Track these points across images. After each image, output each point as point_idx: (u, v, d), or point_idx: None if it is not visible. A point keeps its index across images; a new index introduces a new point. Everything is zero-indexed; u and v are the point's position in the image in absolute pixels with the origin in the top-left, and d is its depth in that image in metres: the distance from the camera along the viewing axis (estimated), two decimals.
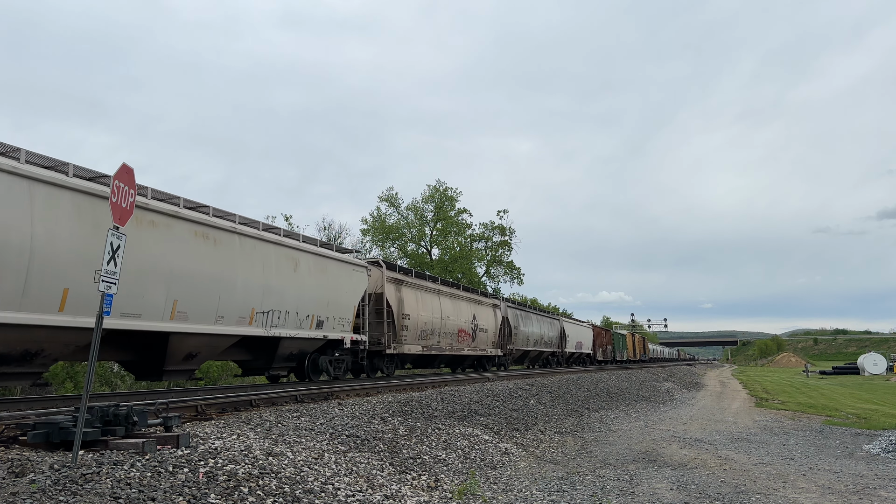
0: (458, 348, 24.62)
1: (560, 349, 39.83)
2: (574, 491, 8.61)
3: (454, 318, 24.23)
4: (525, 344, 33.18)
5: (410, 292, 21.30)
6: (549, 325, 38.08)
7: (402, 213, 52.77)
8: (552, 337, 38.19)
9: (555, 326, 39.46)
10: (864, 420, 18.74)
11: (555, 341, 38.76)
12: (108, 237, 6.04)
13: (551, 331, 38.27)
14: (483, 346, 27.19)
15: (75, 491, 4.78)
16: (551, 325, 38.87)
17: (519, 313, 32.84)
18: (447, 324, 23.50)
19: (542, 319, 37.34)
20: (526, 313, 34.40)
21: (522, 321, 33.05)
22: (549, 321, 38.64)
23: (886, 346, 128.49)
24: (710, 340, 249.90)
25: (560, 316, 43.58)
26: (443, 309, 23.44)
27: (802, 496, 8.55)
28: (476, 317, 26.42)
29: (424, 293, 22.40)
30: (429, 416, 11.77)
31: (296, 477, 6.41)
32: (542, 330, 36.24)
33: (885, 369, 58.54)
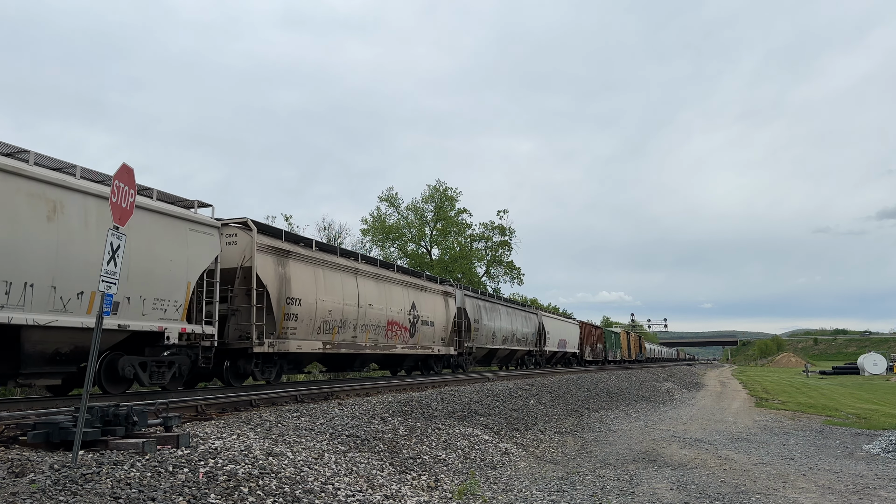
0: (387, 346, 19.28)
1: (538, 348, 35.55)
2: (574, 491, 8.61)
3: (381, 306, 18.93)
4: (490, 341, 28.38)
5: (303, 269, 15.74)
6: (523, 320, 33.26)
7: (402, 213, 52.83)
8: (527, 334, 33.57)
9: (531, 322, 34.72)
10: (864, 420, 18.75)
11: (531, 339, 34.28)
12: (108, 237, 6.04)
13: (526, 326, 33.49)
14: (427, 342, 22.04)
15: (75, 491, 4.78)
16: (527, 319, 34.05)
17: (482, 304, 27.82)
18: (369, 314, 18.12)
19: (515, 313, 32.39)
20: (492, 305, 29.53)
21: (487, 314, 28.19)
22: (523, 315, 33.64)
23: (886, 346, 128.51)
24: (710, 340, 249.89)
25: (539, 310, 38.75)
26: (362, 294, 17.89)
27: (802, 496, 8.55)
28: (417, 306, 21.17)
29: (329, 271, 16.88)
30: (429, 416, 11.77)
31: (296, 477, 6.41)
32: (514, 325, 31.39)
33: (885, 369, 58.54)
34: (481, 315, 27.54)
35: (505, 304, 32.12)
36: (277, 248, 14.98)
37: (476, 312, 26.93)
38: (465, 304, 25.97)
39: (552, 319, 39.87)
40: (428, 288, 22.87)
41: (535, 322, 35.68)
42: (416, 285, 21.99)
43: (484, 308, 28.23)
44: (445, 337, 23.58)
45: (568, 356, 43.12)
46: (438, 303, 23.35)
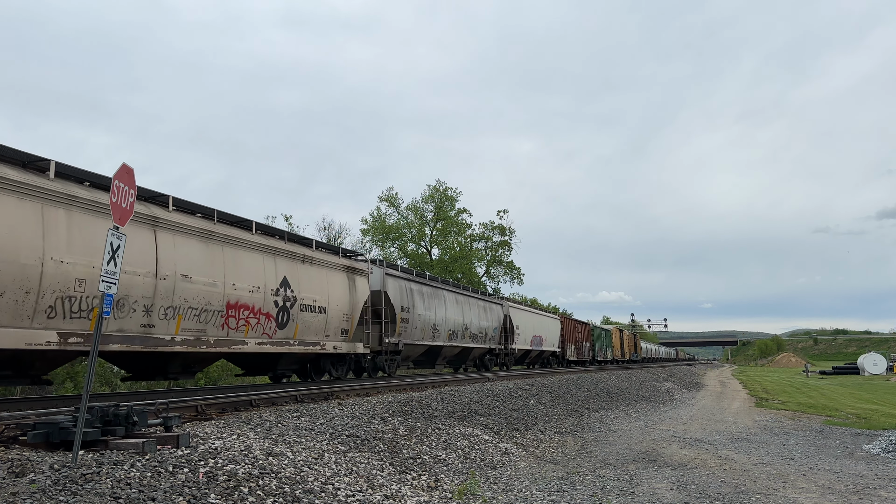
0: (225, 341, 12.52)
1: (502, 345, 29.79)
2: (574, 491, 8.61)
3: (212, 279, 12.14)
4: (429, 336, 22.19)
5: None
6: (481, 312, 27.59)
7: (402, 213, 52.85)
8: (487, 328, 27.90)
9: (493, 313, 28.98)
10: (864, 420, 18.75)
11: (492, 334, 28.64)
12: (108, 237, 6.04)
13: (486, 319, 27.87)
14: (313, 336, 15.49)
15: (75, 491, 4.78)
16: (486, 311, 28.31)
17: (415, 288, 21.52)
18: (185, 291, 11.51)
19: (469, 302, 26.44)
20: (433, 290, 23.07)
21: (423, 301, 21.81)
22: (481, 305, 27.81)
23: (886, 346, 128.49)
24: (710, 340, 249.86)
25: (505, 300, 32.38)
26: (165, 258, 11.24)
27: (802, 496, 8.55)
28: (293, 283, 14.60)
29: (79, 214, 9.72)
30: (429, 416, 11.77)
31: (296, 477, 6.41)
32: (467, 317, 25.67)
33: (885, 369, 58.54)
34: (414, 302, 21.03)
35: (453, 289, 25.45)
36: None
37: (405, 298, 20.49)
38: (387, 285, 19.41)
39: (523, 312, 33.77)
40: (316, 260, 15.81)
41: (499, 314, 29.89)
42: (293, 254, 14.94)
43: (418, 293, 21.62)
44: (349, 329, 16.94)
45: (546, 356, 37.99)
46: (336, 282, 16.52)
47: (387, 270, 20.08)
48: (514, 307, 32.61)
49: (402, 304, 20.34)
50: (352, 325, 17.35)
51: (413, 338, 21.02)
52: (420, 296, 21.79)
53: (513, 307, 32.22)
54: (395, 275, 20.59)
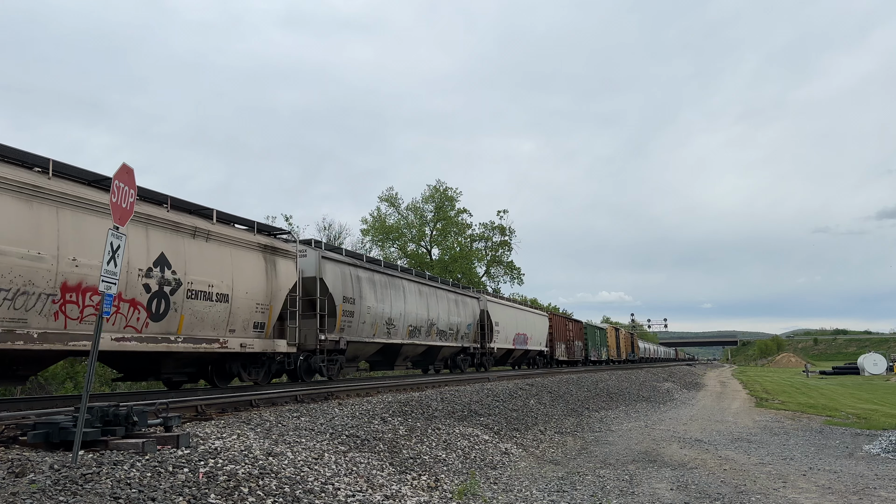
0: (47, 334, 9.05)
1: (479, 344, 26.76)
2: (574, 491, 8.61)
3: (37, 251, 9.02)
4: (381, 332, 18.83)
5: None
6: (451, 305, 24.21)
7: (402, 213, 52.87)
8: (459, 324, 24.65)
9: (467, 308, 25.78)
10: (864, 420, 18.75)
11: (466, 331, 25.42)
12: (108, 237, 6.04)
13: (457, 314, 24.65)
14: (209, 331, 12.17)
15: (75, 491, 4.78)
16: (458, 304, 25.01)
17: (360, 275, 18.07)
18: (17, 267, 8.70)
19: (435, 294, 23.02)
20: (389, 279, 19.78)
21: (372, 291, 18.39)
22: (451, 298, 24.50)
23: (886, 346, 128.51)
24: (710, 340, 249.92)
25: (483, 294, 29.13)
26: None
27: (802, 496, 8.55)
28: (174, 262, 11.41)
29: None
30: (429, 416, 11.78)
31: (296, 477, 6.41)
32: (433, 311, 22.31)
33: (885, 369, 58.54)
34: (362, 292, 17.82)
35: (416, 279, 22.13)
36: None
37: (350, 286, 17.24)
38: (324, 271, 16.22)
39: (504, 307, 30.72)
40: (215, 235, 12.58)
41: (474, 309, 26.70)
42: (177, 225, 11.68)
43: (369, 282, 18.43)
44: (265, 323, 13.70)
45: (532, 355, 35.17)
46: (247, 264, 13.32)
47: (324, 253, 16.53)
48: (494, 301, 29.43)
49: (346, 293, 16.95)
50: (270, 319, 13.82)
51: (361, 334, 17.64)
52: (371, 285, 18.46)
53: (492, 301, 28.91)
54: (335, 259, 17.07)
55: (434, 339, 22.50)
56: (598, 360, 49.00)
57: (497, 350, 28.75)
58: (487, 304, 28.11)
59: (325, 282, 16.18)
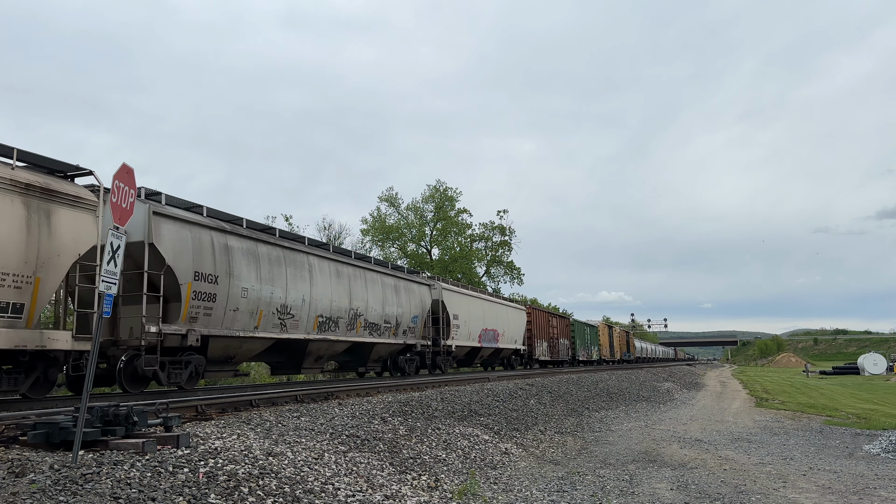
0: None
1: (427, 340, 22.14)
2: (574, 491, 8.61)
3: None
4: (269, 323, 14.17)
5: None
6: (388, 293, 19.57)
7: (402, 213, 52.87)
8: (400, 316, 20.11)
9: (412, 297, 21.23)
10: (864, 420, 18.75)
11: (410, 325, 20.86)
12: (109, 237, 6.04)
13: (399, 305, 20.15)
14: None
15: (75, 491, 4.78)
16: (400, 292, 20.44)
17: (231, 244, 13.36)
18: None
19: (364, 277, 18.50)
20: (285, 253, 15.00)
21: (253, 266, 13.75)
22: (391, 284, 19.92)
23: (886, 346, 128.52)
24: (711, 340, 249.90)
25: (437, 280, 24.18)
26: None
27: (802, 496, 8.55)
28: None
29: None
30: (429, 416, 11.78)
31: (296, 477, 6.42)
32: (358, 300, 17.74)
33: (885, 369, 58.55)
34: (232, 266, 13.13)
35: (330, 255, 17.18)
36: None
37: (207, 258, 12.53)
38: (159, 234, 11.61)
39: (465, 297, 25.92)
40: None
41: (422, 298, 22.08)
42: None
43: (247, 254, 13.63)
44: (25, 304, 9.20)
45: (506, 355, 30.92)
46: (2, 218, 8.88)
47: (158, 208, 11.74)
48: (452, 290, 24.71)
49: (200, 268, 12.26)
50: (35, 298, 9.30)
51: (232, 326, 13.02)
52: (251, 259, 13.64)
53: (449, 290, 24.25)
54: (181, 218, 12.18)
55: (360, 334, 17.91)
56: (589, 361, 45.07)
57: (457, 349, 24.21)
58: (443, 292, 23.34)
59: (158, 249, 11.45)
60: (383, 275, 19.91)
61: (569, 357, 40.34)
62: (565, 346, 39.71)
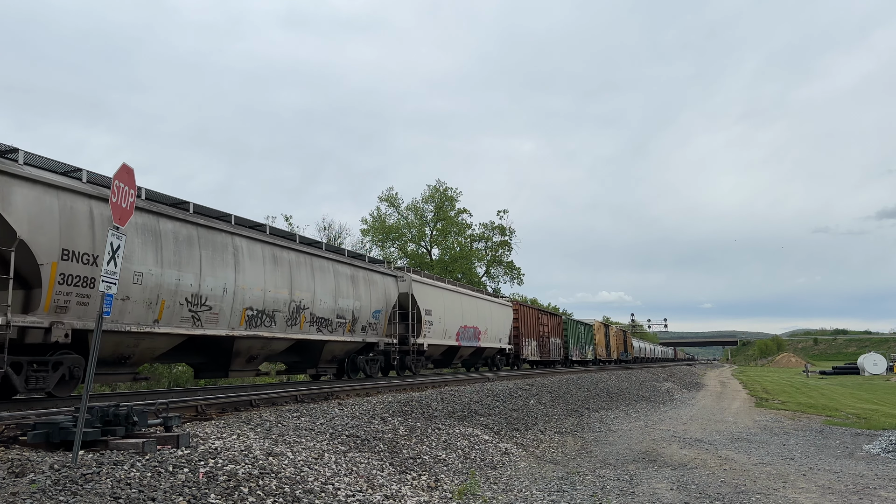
0: None
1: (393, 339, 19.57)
2: (574, 491, 8.61)
3: None
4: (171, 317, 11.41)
5: None
6: (343, 283, 17.05)
7: (402, 213, 52.89)
8: (358, 310, 17.51)
9: (376, 290, 18.73)
10: (864, 420, 18.75)
11: (371, 321, 18.28)
12: (109, 237, 6.04)
13: (357, 297, 17.59)
14: None
15: (75, 491, 4.78)
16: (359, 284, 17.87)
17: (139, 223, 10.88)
18: None
19: (311, 265, 15.85)
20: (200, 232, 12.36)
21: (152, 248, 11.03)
22: (346, 274, 17.42)
23: (886, 346, 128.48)
24: (710, 340, 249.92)
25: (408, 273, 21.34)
26: None
27: (802, 496, 8.55)
28: None
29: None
30: (429, 416, 11.78)
31: (296, 477, 6.42)
32: (302, 291, 15.15)
33: (885, 369, 58.57)
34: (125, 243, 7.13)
35: (266, 238, 14.43)
36: None
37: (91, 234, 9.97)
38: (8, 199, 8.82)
39: (440, 291, 23.28)
40: None
41: (387, 290, 19.55)
42: None
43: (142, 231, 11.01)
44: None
45: (489, 355, 28.66)
46: None
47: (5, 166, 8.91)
48: (424, 283, 22.12)
49: (72, 245, 9.63)
50: None
51: (121, 318, 10.48)
52: (147, 236, 11.01)
53: (420, 282, 21.64)
54: (43, 180, 9.42)
55: (306, 330, 15.35)
56: (583, 361, 43.16)
57: (430, 348, 21.74)
58: (413, 285, 20.83)
59: (5, 219, 8.78)
60: (337, 263, 17.21)
61: (561, 357, 38.54)
62: (557, 346, 37.88)
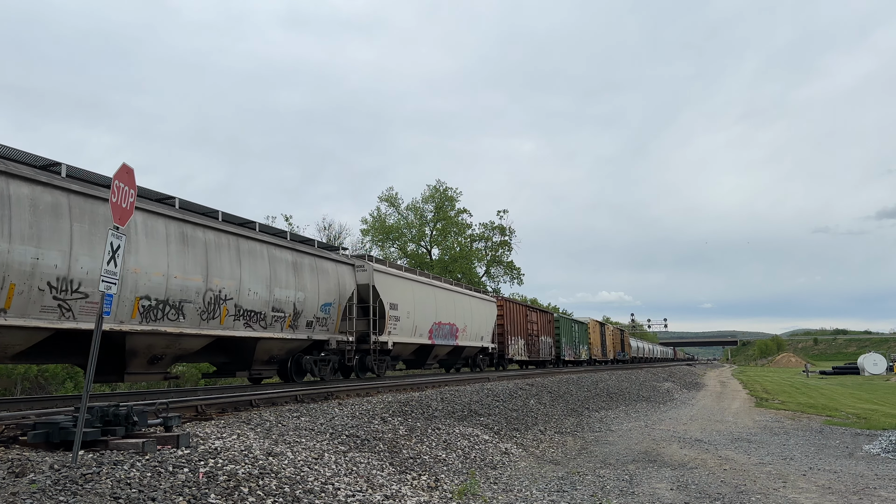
0: None
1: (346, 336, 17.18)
2: (574, 491, 8.61)
3: None
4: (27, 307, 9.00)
5: None
6: (282, 271, 14.71)
7: (402, 213, 52.91)
8: (301, 302, 15.17)
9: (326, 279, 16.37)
10: (864, 420, 18.75)
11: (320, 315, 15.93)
12: (109, 237, 6.04)
13: (301, 288, 15.23)
14: None
15: (75, 491, 4.78)
16: (303, 272, 15.50)
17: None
18: None
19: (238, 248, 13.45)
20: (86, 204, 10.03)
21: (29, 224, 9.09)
22: (287, 260, 15.04)
23: (886, 346, 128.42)
24: (710, 340, 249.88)
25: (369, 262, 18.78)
26: None
27: (802, 496, 8.55)
28: None
29: None
30: (429, 416, 11.78)
31: (296, 477, 6.42)
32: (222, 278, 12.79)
33: (885, 369, 58.56)
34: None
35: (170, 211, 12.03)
36: None
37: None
38: None
39: (409, 283, 20.85)
40: None
41: (341, 281, 17.16)
42: None
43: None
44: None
45: (471, 354, 26.59)
46: None
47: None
48: (389, 274, 19.61)
49: None
50: None
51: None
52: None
53: (384, 273, 19.18)
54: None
55: (229, 325, 12.94)
56: (577, 361, 41.48)
57: (397, 346, 19.55)
58: (375, 276, 18.49)
59: None
60: (274, 247, 14.65)
61: (552, 357, 36.64)
62: (548, 345, 35.88)
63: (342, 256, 18.20)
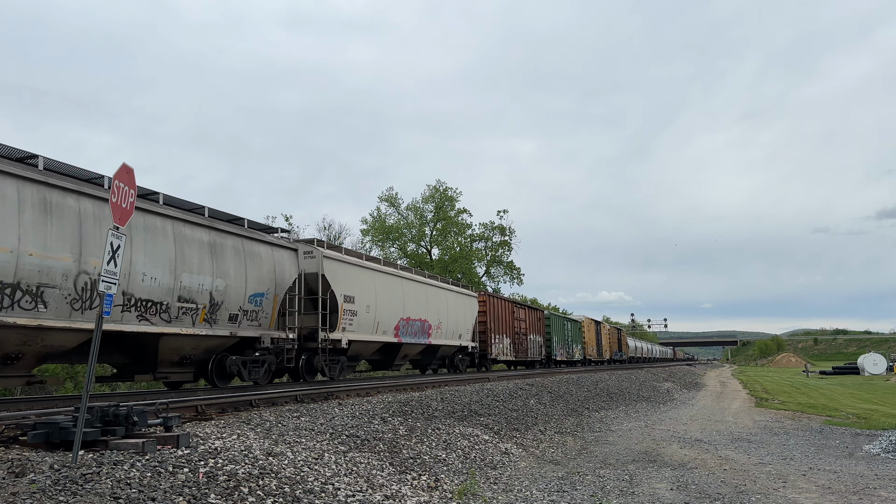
0: None
1: (292, 332, 14.94)
2: (574, 491, 8.61)
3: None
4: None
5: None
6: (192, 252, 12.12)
7: (402, 214, 52.92)
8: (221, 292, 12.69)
9: (255, 265, 13.80)
10: (864, 420, 18.75)
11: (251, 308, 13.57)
12: (108, 237, 6.04)
13: (223, 277, 12.78)
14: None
15: (75, 491, 4.78)
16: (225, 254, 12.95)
17: None
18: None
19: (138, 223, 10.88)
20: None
21: None
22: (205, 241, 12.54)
23: (886, 346, 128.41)
24: (711, 340, 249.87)
25: (317, 247, 16.18)
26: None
27: (802, 496, 8.55)
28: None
29: None
30: (429, 416, 11.78)
31: (296, 477, 6.42)
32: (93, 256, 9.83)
33: (885, 369, 58.55)
34: None
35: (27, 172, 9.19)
36: None
37: None
38: None
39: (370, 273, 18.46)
40: None
41: (279, 266, 14.76)
42: None
43: None
44: None
45: (448, 353, 24.47)
46: None
47: None
48: (343, 262, 17.07)
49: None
50: None
51: None
52: None
53: (335, 260, 16.63)
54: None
55: (117, 318, 10.58)
56: (570, 361, 39.46)
57: (353, 345, 17.24)
58: (325, 263, 15.99)
59: None
60: (182, 223, 12.19)
61: (542, 357, 34.58)
62: (537, 344, 33.79)
63: (281, 239, 15.44)
